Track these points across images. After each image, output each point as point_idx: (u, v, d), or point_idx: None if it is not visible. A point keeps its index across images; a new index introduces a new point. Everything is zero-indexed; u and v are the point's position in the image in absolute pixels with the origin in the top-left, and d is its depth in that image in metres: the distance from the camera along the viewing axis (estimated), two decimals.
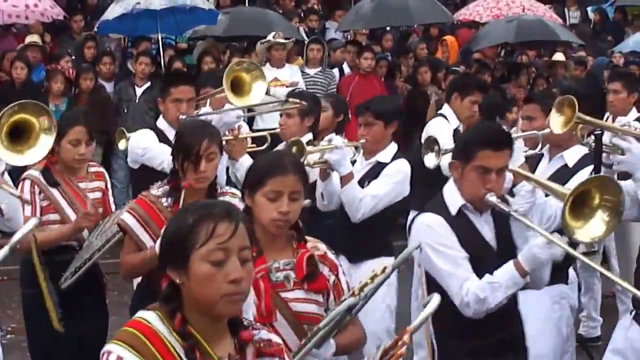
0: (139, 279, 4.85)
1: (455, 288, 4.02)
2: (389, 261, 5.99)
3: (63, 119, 5.73)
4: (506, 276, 3.98)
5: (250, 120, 10.29)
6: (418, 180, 6.06)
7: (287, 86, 10.64)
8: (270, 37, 11.51)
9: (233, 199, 4.67)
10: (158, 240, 4.42)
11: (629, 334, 4.65)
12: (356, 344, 3.83)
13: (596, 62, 14.46)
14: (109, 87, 11.64)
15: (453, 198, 4.15)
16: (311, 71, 11.92)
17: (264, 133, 6.93)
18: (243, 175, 6.29)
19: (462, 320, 4.05)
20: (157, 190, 4.67)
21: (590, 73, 14.19)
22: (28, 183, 5.36)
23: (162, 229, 4.34)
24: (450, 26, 15.24)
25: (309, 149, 5.63)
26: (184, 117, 5.81)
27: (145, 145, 5.96)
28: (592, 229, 3.99)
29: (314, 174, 5.76)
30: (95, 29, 12.55)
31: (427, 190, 5.81)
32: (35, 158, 5.09)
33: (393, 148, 6.03)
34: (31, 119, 4.95)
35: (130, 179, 6.44)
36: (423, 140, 5.25)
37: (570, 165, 5.21)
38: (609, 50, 16.02)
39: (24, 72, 11.01)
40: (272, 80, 11.19)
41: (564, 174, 5.13)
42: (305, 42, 12.52)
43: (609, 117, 7.96)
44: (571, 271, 5.69)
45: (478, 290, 3.99)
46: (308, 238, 3.75)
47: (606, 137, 4.67)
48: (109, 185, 5.79)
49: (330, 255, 3.78)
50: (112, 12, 11.81)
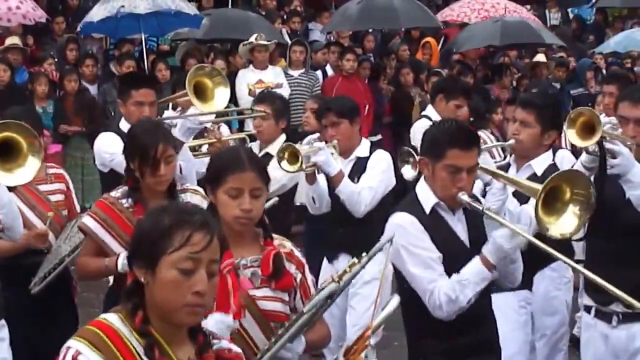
0: (110, 282, 4.83)
1: (426, 291, 4.01)
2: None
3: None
4: (473, 271, 3.99)
5: (241, 122, 10.32)
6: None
7: (272, 88, 10.65)
8: (252, 39, 11.51)
9: (195, 196, 4.72)
10: (121, 256, 4.47)
11: (597, 332, 4.72)
12: (322, 341, 3.84)
13: (579, 64, 14.53)
14: (92, 90, 11.61)
15: (426, 196, 4.14)
16: (295, 73, 11.93)
17: (243, 135, 6.97)
18: None
19: (437, 321, 4.04)
20: (117, 192, 4.66)
21: (572, 73, 14.32)
22: None
23: (125, 229, 4.47)
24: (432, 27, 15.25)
25: (301, 151, 5.65)
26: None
27: (112, 151, 5.76)
28: (565, 223, 4.02)
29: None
30: (77, 30, 12.49)
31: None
32: (25, 179, 4.82)
33: (366, 142, 6.17)
34: (17, 138, 4.74)
35: (101, 182, 6.34)
36: (398, 154, 5.27)
37: (539, 173, 5.24)
38: (589, 51, 16.14)
39: (7, 75, 10.92)
40: (257, 82, 11.22)
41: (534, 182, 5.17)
42: (288, 44, 12.53)
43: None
44: (568, 269, 5.72)
45: (449, 291, 3.97)
46: (274, 236, 3.72)
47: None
48: (71, 187, 5.72)
49: (297, 253, 3.75)
50: (97, 15, 11.75)
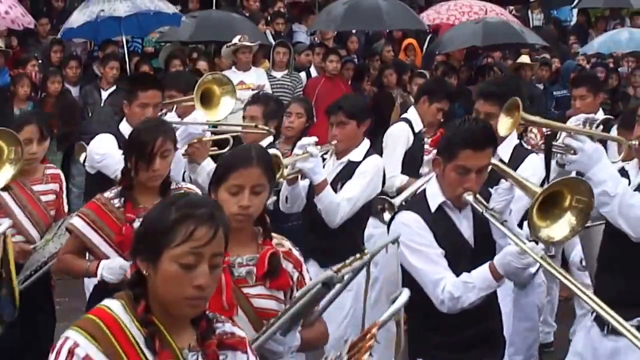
0: (95, 282, 4.86)
1: (431, 285, 4.05)
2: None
3: (15, 119, 5.66)
4: (481, 278, 4.01)
5: None
6: None
7: (253, 89, 10.65)
8: (235, 40, 11.53)
9: None
10: (102, 264, 4.51)
11: (590, 335, 4.67)
12: (319, 340, 3.85)
13: (564, 66, 14.58)
14: (74, 91, 11.61)
15: (434, 194, 4.18)
16: (278, 74, 11.95)
17: (227, 136, 6.90)
18: (204, 179, 6.39)
19: (437, 315, 4.07)
20: (110, 192, 4.69)
21: (556, 75, 14.38)
22: None
23: (114, 229, 4.51)
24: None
25: (284, 161, 5.59)
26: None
27: (103, 152, 5.80)
28: (557, 230, 4.01)
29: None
30: (59, 35, 12.49)
31: None
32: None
33: (365, 145, 6.04)
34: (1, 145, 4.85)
35: (85, 183, 6.35)
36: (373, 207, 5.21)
37: (506, 159, 5.23)
38: (573, 52, 16.20)
39: None
40: (239, 83, 11.21)
41: (512, 163, 5.13)
42: (272, 46, 12.56)
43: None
44: (541, 274, 5.76)
45: (453, 289, 4.00)
46: (273, 235, 3.71)
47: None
48: (64, 187, 5.76)
49: (295, 252, 3.74)
50: (77, 20, 11.74)
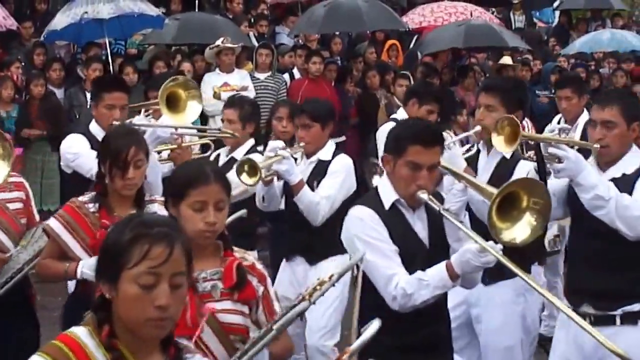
0: (72, 287, 4.86)
1: (383, 281, 4.02)
2: (346, 259, 6.09)
3: None
4: (437, 277, 3.98)
5: (204, 122, 10.35)
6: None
7: (237, 91, 10.68)
8: (218, 42, 11.54)
9: (162, 207, 4.59)
10: (80, 263, 4.51)
11: (570, 331, 4.71)
12: (285, 353, 3.84)
13: (544, 68, 14.66)
14: (59, 93, 11.59)
15: (387, 192, 4.16)
16: (261, 76, 11.97)
17: (208, 140, 6.95)
18: None
19: (389, 317, 3.96)
20: (84, 197, 4.69)
21: (537, 76, 14.45)
22: None
23: (88, 233, 4.53)
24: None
25: (259, 164, 5.64)
26: (116, 124, 5.71)
27: (75, 151, 5.83)
28: (518, 231, 4.03)
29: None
30: (42, 38, 12.47)
31: None
32: None
33: (331, 145, 6.19)
34: None
35: (61, 183, 6.34)
36: (365, 167, 5.25)
37: (508, 157, 5.27)
38: (554, 54, 16.28)
39: None
40: (222, 85, 11.25)
41: (504, 166, 5.22)
42: (255, 47, 12.57)
43: (560, 120, 8.13)
44: (535, 268, 5.79)
45: (406, 285, 3.98)
46: (236, 249, 3.69)
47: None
48: (31, 195, 5.68)
49: (258, 265, 3.72)
50: (60, 22, 11.73)
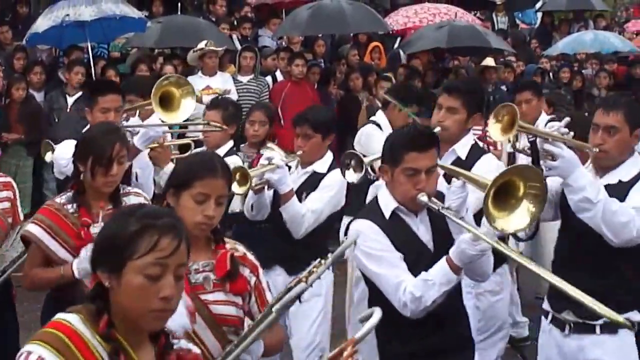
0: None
1: (392, 289, 4.02)
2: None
3: None
4: (440, 273, 3.99)
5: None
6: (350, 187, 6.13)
7: (220, 94, 10.64)
8: (201, 45, 11.51)
9: (137, 198, 4.72)
10: (74, 262, 4.46)
11: (551, 337, 4.73)
12: (278, 345, 3.86)
13: (527, 69, 14.71)
14: (39, 97, 11.55)
15: (386, 202, 4.18)
16: (244, 79, 11.94)
17: (188, 140, 6.95)
18: None
19: (401, 324, 4.05)
20: (61, 198, 4.66)
21: (520, 77, 14.48)
22: None
23: (71, 235, 4.49)
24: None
25: (252, 172, 5.60)
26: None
27: (69, 156, 5.70)
28: (517, 219, 4.00)
29: None
30: (24, 41, 12.42)
31: (358, 197, 5.96)
32: None
33: (329, 158, 6.04)
34: None
35: (57, 189, 6.36)
36: (340, 159, 5.21)
37: (463, 157, 5.30)
38: (537, 55, 16.34)
39: None
40: (205, 88, 11.22)
41: (459, 166, 5.12)
42: (238, 50, 12.55)
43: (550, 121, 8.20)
44: (502, 269, 5.81)
45: (414, 289, 3.98)
46: (226, 239, 3.71)
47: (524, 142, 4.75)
48: (17, 195, 5.70)
49: (250, 256, 3.73)
50: (41, 25, 11.66)
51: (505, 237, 5.02)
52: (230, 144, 6.63)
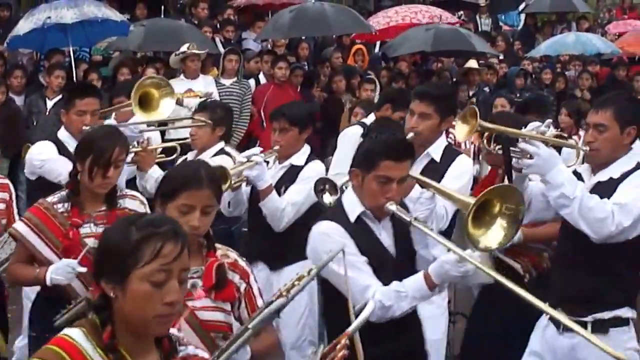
0: (38, 288, 4.86)
1: (358, 292, 3.96)
2: (310, 264, 6.11)
3: None
4: (415, 287, 3.98)
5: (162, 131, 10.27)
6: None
7: (201, 97, 10.61)
8: (184, 49, 11.48)
9: (133, 201, 4.76)
10: (50, 269, 4.48)
11: (545, 334, 4.73)
12: (269, 349, 3.84)
13: (509, 72, 14.74)
14: (19, 100, 11.47)
15: (352, 206, 4.15)
16: (227, 82, 11.90)
17: (174, 144, 6.96)
18: (152, 186, 6.39)
19: (365, 327, 4.02)
20: (53, 197, 4.69)
21: (503, 79, 14.52)
22: None
23: (57, 234, 4.52)
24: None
25: (232, 170, 5.64)
26: (87, 129, 5.74)
27: (44, 157, 5.92)
28: (493, 236, 4.01)
29: None
30: (5, 44, 12.37)
31: None
32: None
33: (306, 150, 6.13)
34: None
35: (27, 189, 6.39)
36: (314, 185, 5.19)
37: (438, 159, 5.31)
38: (520, 57, 16.38)
39: None
40: (187, 91, 11.18)
41: (433, 169, 5.23)
42: (222, 53, 12.53)
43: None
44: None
45: (384, 298, 3.97)
46: (218, 246, 3.72)
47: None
48: (14, 197, 5.79)
49: (241, 262, 3.75)
50: (23, 28, 11.60)
51: None
52: (219, 145, 6.65)
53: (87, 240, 4.50)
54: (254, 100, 11.89)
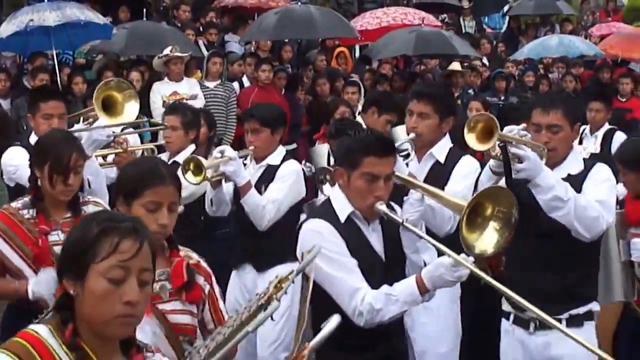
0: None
1: (347, 295, 3.91)
2: (296, 266, 6.09)
3: None
4: (406, 291, 3.90)
5: (154, 134, 10.23)
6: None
7: (187, 99, 10.61)
8: (167, 52, 11.46)
9: (97, 208, 4.64)
10: (30, 282, 4.41)
11: (514, 337, 4.73)
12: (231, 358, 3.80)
13: (492, 74, 14.77)
14: (4, 104, 11.43)
15: (341, 205, 4.07)
16: (210, 84, 11.88)
17: (151, 145, 6.97)
18: None
19: (348, 333, 3.88)
20: (17, 203, 4.60)
21: (487, 82, 14.55)
22: None
23: (25, 241, 4.43)
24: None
25: (206, 163, 5.65)
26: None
27: (16, 163, 5.80)
28: (487, 240, 3.97)
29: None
30: None
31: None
32: None
33: (282, 150, 6.16)
34: None
35: (9, 195, 6.31)
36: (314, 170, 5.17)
37: (442, 160, 5.30)
38: (504, 59, 16.42)
39: None
40: (172, 94, 11.16)
41: (438, 170, 5.23)
42: (205, 56, 12.51)
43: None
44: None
45: (374, 301, 3.89)
46: (180, 247, 3.67)
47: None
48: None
49: (203, 263, 3.71)
50: (5, 30, 11.58)
51: None
52: (191, 147, 6.64)
53: (56, 249, 4.35)
54: (238, 103, 11.87)
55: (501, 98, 13.29)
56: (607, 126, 9.94)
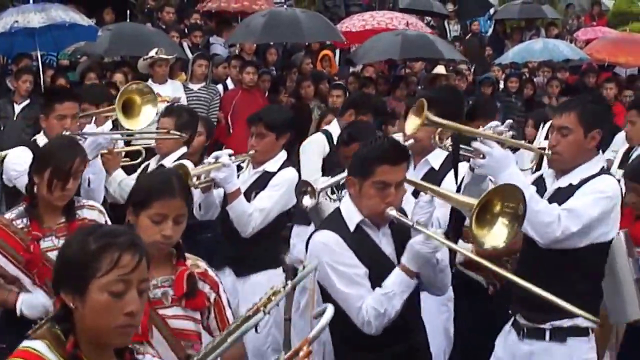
0: None
1: (354, 311, 4.00)
2: (276, 273, 6.11)
3: None
4: (397, 282, 3.98)
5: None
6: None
7: (169, 102, 10.56)
8: (152, 53, 11.44)
9: (91, 211, 4.70)
10: (20, 297, 4.44)
11: (508, 340, 4.70)
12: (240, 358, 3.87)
13: (478, 79, 14.82)
14: None
15: (351, 214, 4.12)
16: (194, 87, 11.88)
17: (139, 147, 6.89)
18: (114, 190, 6.35)
19: (361, 332, 4.02)
20: (11, 213, 4.60)
21: (473, 86, 14.58)
22: None
23: (18, 250, 4.44)
24: None
25: (196, 170, 5.62)
26: (67, 133, 5.70)
27: (20, 169, 5.65)
28: (497, 234, 3.95)
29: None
30: None
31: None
32: None
33: (282, 157, 6.06)
34: None
35: (3, 195, 6.30)
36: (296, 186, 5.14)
37: (437, 167, 5.31)
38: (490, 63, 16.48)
39: None
40: None
41: (432, 177, 5.20)
42: (190, 58, 12.50)
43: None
44: None
45: (376, 305, 3.97)
46: (188, 255, 3.72)
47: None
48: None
49: (211, 272, 3.77)
50: None
51: None
52: (182, 150, 6.56)
53: (50, 254, 4.39)
54: (221, 106, 11.86)
55: None
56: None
